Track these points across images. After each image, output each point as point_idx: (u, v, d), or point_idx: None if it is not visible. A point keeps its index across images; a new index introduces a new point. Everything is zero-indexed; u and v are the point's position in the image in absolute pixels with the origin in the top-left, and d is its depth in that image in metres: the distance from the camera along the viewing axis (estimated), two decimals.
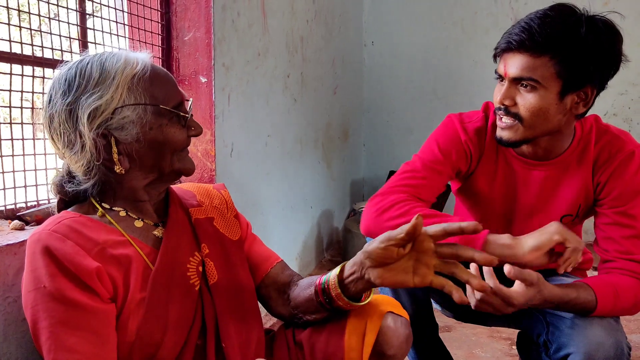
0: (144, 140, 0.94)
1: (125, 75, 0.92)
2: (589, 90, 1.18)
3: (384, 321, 1.03)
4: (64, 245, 0.87)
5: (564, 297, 1.13)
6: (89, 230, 0.92)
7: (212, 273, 1.04)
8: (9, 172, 1.34)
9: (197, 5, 1.93)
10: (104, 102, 0.90)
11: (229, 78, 2.07)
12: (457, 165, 1.37)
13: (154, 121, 0.94)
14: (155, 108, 0.94)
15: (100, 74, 0.92)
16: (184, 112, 0.99)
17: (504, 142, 1.25)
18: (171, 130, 0.96)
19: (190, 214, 1.08)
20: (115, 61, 0.93)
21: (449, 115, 1.42)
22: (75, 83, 0.92)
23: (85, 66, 0.93)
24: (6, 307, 1.12)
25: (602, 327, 1.13)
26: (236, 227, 1.14)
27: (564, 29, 1.12)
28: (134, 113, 0.92)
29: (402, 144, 3.92)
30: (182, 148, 1.00)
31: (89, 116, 0.90)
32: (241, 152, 2.20)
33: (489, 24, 3.54)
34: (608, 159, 1.25)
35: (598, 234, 1.28)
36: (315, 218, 3.20)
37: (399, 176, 1.36)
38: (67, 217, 0.93)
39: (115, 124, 0.92)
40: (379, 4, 3.98)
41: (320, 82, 3.14)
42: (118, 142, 0.93)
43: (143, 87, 0.93)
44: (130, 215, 1.00)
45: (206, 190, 1.17)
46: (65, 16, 1.53)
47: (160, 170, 0.98)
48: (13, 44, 1.34)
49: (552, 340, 1.22)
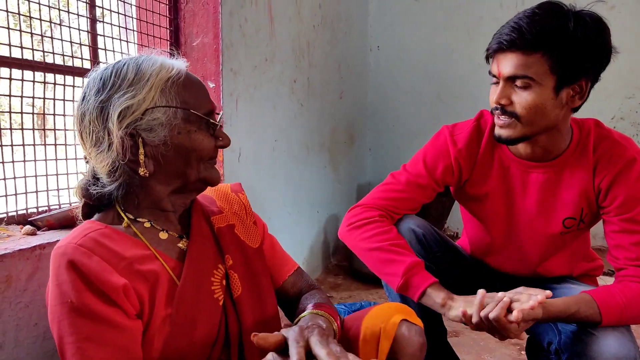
0: (171, 144, 0.92)
1: (160, 77, 0.92)
2: (584, 82, 1.19)
3: (398, 329, 1.03)
4: (90, 261, 0.85)
5: (565, 312, 1.14)
6: (115, 244, 0.90)
7: (236, 285, 1.02)
8: (20, 177, 1.35)
9: (205, 12, 1.94)
10: (136, 102, 0.90)
11: (237, 83, 2.08)
12: (442, 180, 1.40)
13: (183, 126, 0.93)
14: (185, 112, 0.93)
15: (135, 74, 0.92)
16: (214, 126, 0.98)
17: (503, 140, 1.25)
18: (199, 137, 0.95)
19: (212, 223, 1.06)
20: (151, 64, 0.93)
21: (443, 126, 1.43)
22: (110, 82, 0.92)
23: (122, 66, 0.93)
24: (18, 312, 1.13)
25: (616, 338, 1.12)
26: (256, 233, 1.12)
27: (552, 25, 1.14)
28: (164, 115, 0.91)
29: (408, 148, 3.92)
30: (209, 157, 0.98)
31: (119, 115, 0.89)
32: (249, 157, 2.21)
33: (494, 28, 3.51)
34: (608, 165, 1.24)
35: (608, 243, 1.28)
36: (322, 222, 3.20)
37: (383, 187, 1.42)
38: (93, 229, 0.91)
39: (144, 124, 0.91)
40: (384, 8, 3.98)
41: (326, 87, 3.15)
42: (145, 143, 0.92)
43: (176, 91, 0.93)
44: (155, 227, 0.98)
45: (225, 194, 1.16)
46: (75, 22, 1.54)
47: (185, 178, 0.97)
48: (21, 49, 1.35)
49: (564, 349, 1.22)
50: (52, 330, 0.86)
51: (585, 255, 1.47)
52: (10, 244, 1.16)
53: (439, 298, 1.22)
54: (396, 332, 1.03)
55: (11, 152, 1.33)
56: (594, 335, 1.14)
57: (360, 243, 1.33)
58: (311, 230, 3.05)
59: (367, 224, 1.34)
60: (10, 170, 1.32)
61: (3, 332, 1.10)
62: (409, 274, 1.24)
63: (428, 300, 1.24)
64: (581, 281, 1.45)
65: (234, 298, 1.01)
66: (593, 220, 1.35)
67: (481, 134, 1.38)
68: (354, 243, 1.36)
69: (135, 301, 0.88)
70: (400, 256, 1.27)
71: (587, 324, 1.16)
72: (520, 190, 1.34)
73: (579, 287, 1.34)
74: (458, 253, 1.55)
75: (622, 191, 1.23)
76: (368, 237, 1.32)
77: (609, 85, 3.34)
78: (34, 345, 1.16)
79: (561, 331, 1.24)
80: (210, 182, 1.00)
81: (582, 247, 1.43)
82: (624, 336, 1.14)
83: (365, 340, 1.04)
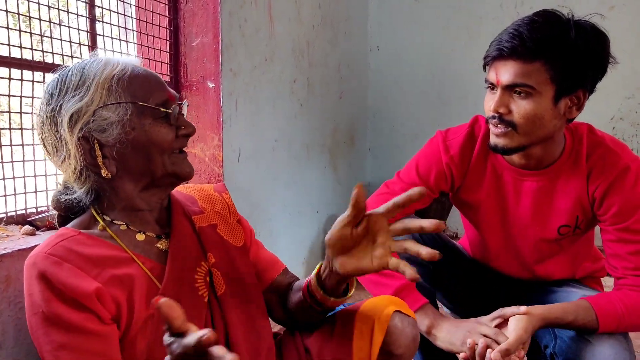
0: (127, 141, 0.91)
1: (105, 76, 0.91)
2: (581, 93, 1.19)
3: (391, 321, 1.03)
4: (60, 269, 0.84)
5: (563, 320, 1.14)
6: (88, 249, 0.89)
7: (219, 283, 1.01)
8: (19, 177, 1.34)
9: (205, 11, 1.94)
10: (84, 104, 0.89)
11: (236, 83, 2.07)
12: (436, 186, 1.39)
13: (136, 121, 0.91)
14: (135, 106, 0.91)
15: (80, 77, 0.91)
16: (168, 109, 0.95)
17: (499, 149, 1.22)
18: (155, 130, 0.92)
19: (193, 222, 1.05)
20: (95, 64, 0.92)
21: (437, 132, 1.41)
22: (57, 90, 0.92)
23: (66, 73, 0.93)
24: (17, 313, 1.13)
25: (611, 346, 1.12)
26: (239, 232, 1.11)
27: (554, 34, 1.12)
28: (114, 113, 0.90)
29: (408, 149, 3.91)
30: (172, 149, 0.95)
31: (69, 120, 0.89)
32: (248, 157, 2.21)
33: (494, 29, 3.50)
34: (602, 174, 1.23)
35: (606, 251, 1.27)
36: (322, 223, 3.20)
37: (377, 197, 1.40)
38: (65, 236, 0.90)
39: (96, 126, 0.90)
40: (384, 8, 3.98)
41: (326, 87, 3.14)
42: (102, 145, 0.91)
43: (123, 86, 0.91)
44: (131, 229, 0.97)
45: (207, 194, 1.14)
46: (75, 22, 1.54)
47: (152, 174, 0.94)
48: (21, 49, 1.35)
49: (558, 354, 1.21)
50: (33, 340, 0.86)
51: (589, 255, 1.45)
52: (9, 244, 1.16)
53: (423, 326, 1.21)
54: (389, 323, 1.02)
55: (10, 152, 1.32)
56: (590, 342, 1.14)
57: None
58: (311, 231, 3.04)
59: None
60: (10, 171, 1.32)
61: (3, 332, 1.09)
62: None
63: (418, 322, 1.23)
64: (584, 283, 1.43)
65: (217, 296, 1.00)
66: (590, 225, 1.33)
67: (474, 140, 1.36)
68: None
69: (110, 305, 0.86)
70: (388, 279, 1.25)
71: (583, 331, 1.16)
72: (514, 198, 1.33)
73: (580, 291, 1.33)
74: (458, 253, 1.54)
75: (617, 200, 1.21)
76: None
77: (608, 85, 3.30)
78: (33, 346, 1.16)
79: (557, 336, 1.24)
80: (180, 176, 0.97)
81: (584, 248, 1.42)
82: (620, 344, 1.13)
83: (359, 332, 1.04)
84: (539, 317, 1.13)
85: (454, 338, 1.17)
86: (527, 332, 1.11)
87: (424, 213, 1.47)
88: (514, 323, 1.12)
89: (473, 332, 1.16)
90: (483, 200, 1.36)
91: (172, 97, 0.97)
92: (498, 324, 1.16)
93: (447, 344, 1.18)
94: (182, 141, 0.97)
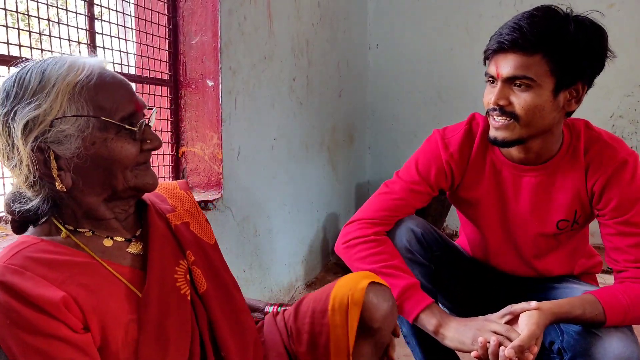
0: (86, 156, 0.84)
1: (67, 82, 0.82)
2: (580, 86, 1.20)
3: (366, 295, 1.01)
4: (23, 279, 0.78)
5: (570, 314, 1.14)
6: (51, 257, 0.83)
7: (200, 281, 0.99)
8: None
9: (204, 10, 1.94)
10: (41, 113, 0.81)
11: (236, 81, 2.07)
12: (436, 184, 1.39)
13: (98, 135, 0.84)
14: (98, 121, 0.84)
15: (39, 81, 0.82)
16: (134, 124, 0.87)
17: (499, 142, 1.23)
18: (118, 145, 0.85)
19: (169, 221, 1.01)
20: (58, 67, 0.84)
21: (434, 130, 1.42)
22: (13, 92, 0.83)
23: (25, 73, 0.84)
24: None
25: (619, 339, 1.12)
26: (209, 230, 1.10)
27: (553, 27, 1.14)
28: (74, 126, 0.83)
29: (407, 147, 3.91)
30: (135, 164, 0.88)
31: (24, 128, 0.81)
32: (248, 156, 2.21)
33: (493, 26, 3.49)
34: (600, 168, 1.24)
35: (606, 245, 1.28)
36: (321, 221, 3.20)
37: (378, 197, 1.40)
38: (25, 244, 0.83)
39: (53, 137, 0.82)
40: (383, 7, 3.98)
41: (325, 86, 3.14)
42: (58, 157, 0.84)
43: (86, 96, 0.83)
44: (97, 235, 0.91)
45: (174, 192, 1.11)
46: (74, 20, 1.54)
47: (113, 188, 0.88)
48: (20, 48, 1.35)
49: (567, 349, 1.22)
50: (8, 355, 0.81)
51: (585, 251, 1.47)
52: (8, 244, 1.16)
53: (431, 325, 1.21)
54: (364, 297, 1.01)
55: None
56: (598, 336, 1.14)
57: (354, 263, 1.33)
58: (310, 229, 3.05)
59: (362, 243, 1.32)
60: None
61: None
62: (402, 298, 1.24)
63: (422, 325, 1.24)
64: (582, 280, 1.44)
65: (199, 293, 0.98)
66: (587, 220, 1.35)
67: (473, 137, 1.37)
68: (349, 262, 1.35)
69: (78, 314, 0.81)
70: (393, 279, 1.25)
71: (591, 325, 1.16)
72: (513, 193, 1.34)
73: (581, 287, 1.34)
74: (458, 252, 1.54)
75: (616, 194, 1.22)
76: (362, 257, 1.31)
77: (608, 83, 3.34)
78: None
79: (564, 331, 1.24)
80: (144, 189, 0.92)
81: (580, 244, 1.43)
82: (627, 337, 1.14)
83: (334, 310, 1.03)
84: (549, 311, 1.13)
85: (463, 337, 1.17)
86: (539, 327, 1.10)
87: (423, 212, 1.47)
88: (525, 319, 1.12)
89: (483, 330, 1.15)
90: (482, 196, 1.37)
91: (139, 108, 0.90)
92: (508, 321, 1.16)
93: (457, 343, 1.18)
94: (146, 155, 0.91)
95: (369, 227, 1.35)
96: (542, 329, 1.11)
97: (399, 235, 1.36)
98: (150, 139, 0.91)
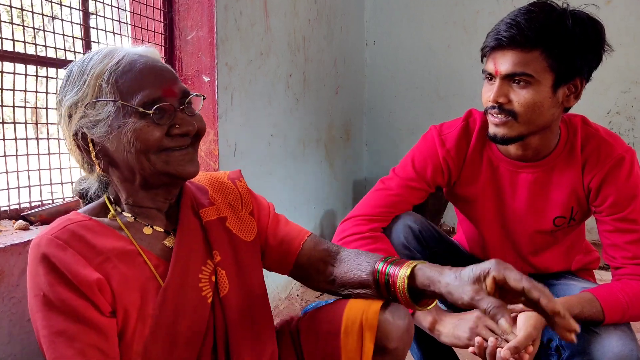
0: (113, 139, 0.87)
1: (99, 70, 0.87)
2: (578, 82, 1.19)
3: (381, 315, 0.99)
4: (64, 254, 0.82)
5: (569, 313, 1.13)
6: (94, 237, 0.87)
7: (223, 283, 0.97)
8: (12, 172, 1.33)
9: (200, 5, 1.93)
10: (78, 99, 0.88)
11: (232, 77, 2.06)
12: (432, 181, 1.38)
13: (122, 119, 0.86)
14: (121, 105, 0.86)
15: (80, 69, 0.89)
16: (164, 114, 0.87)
17: (498, 139, 1.22)
18: (138, 129, 0.86)
19: (201, 217, 1.00)
20: (96, 56, 0.89)
21: (430, 127, 1.41)
22: (65, 81, 0.91)
23: (72, 65, 0.92)
24: (11, 308, 1.12)
25: (618, 337, 1.12)
26: (251, 225, 1.06)
27: (551, 23, 1.13)
28: (102, 110, 0.87)
29: (404, 144, 3.91)
30: (161, 148, 0.88)
31: (67, 113, 0.89)
32: (244, 152, 2.20)
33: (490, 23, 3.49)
34: (597, 164, 1.23)
35: (603, 242, 1.27)
36: (318, 218, 3.20)
37: (374, 194, 1.39)
38: (74, 220, 0.88)
39: (87, 121, 0.88)
40: (380, 3, 3.97)
41: (322, 82, 3.13)
42: (93, 141, 0.89)
43: (112, 82, 0.87)
44: (139, 221, 0.94)
45: (220, 183, 1.08)
46: (69, 15, 1.53)
47: (140, 173, 0.89)
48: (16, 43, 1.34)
49: (565, 347, 1.21)
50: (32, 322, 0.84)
51: (582, 248, 1.47)
52: (2, 239, 1.16)
53: (426, 322, 1.21)
54: (379, 318, 0.98)
55: (3, 147, 1.31)
56: (596, 334, 1.14)
57: None
58: (307, 226, 3.04)
59: (358, 240, 1.31)
60: (3, 165, 1.31)
61: None
62: None
63: (418, 323, 1.22)
64: (579, 276, 1.44)
65: (220, 297, 0.96)
66: (584, 217, 1.34)
67: (470, 133, 1.36)
68: None
69: (109, 297, 0.84)
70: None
71: (589, 323, 1.16)
72: (510, 190, 1.33)
73: (578, 284, 1.34)
74: (455, 249, 1.54)
75: (613, 191, 1.22)
76: None
77: (605, 79, 3.34)
78: (28, 340, 1.16)
79: None
80: (177, 176, 0.90)
81: (577, 240, 1.43)
82: (625, 335, 1.13)
83: (347, 333, 1.00)
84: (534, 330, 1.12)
85: (459, 331, 1.16)
86: (536, 329, 1.10)
87: (421, 208, 1.47)
88: (522, 320, 1.11)
89: (479, 325, 1.15)
90: (479, 193, 1.36)
91: (168, 93, 0.88)
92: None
93: (452, 339, 1.17)
94: (177, 140, 0.89)
95: (365, 223, 1.34)
96: (539, 331, 1.11)
97: (396, 232, 1.36)
98: (180, 124, 0.89)
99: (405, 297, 0.95)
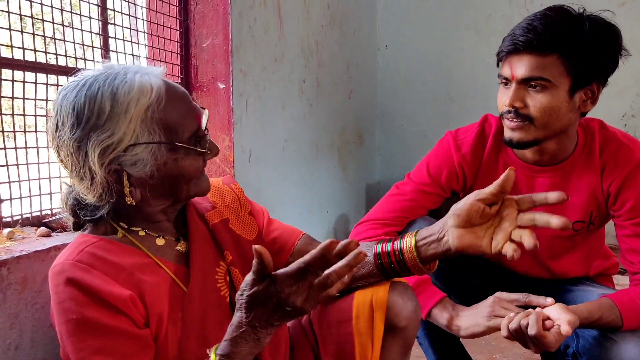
0: (158, 176, 0.89)
1: (139, 107, 0.86)
2: (595, 86, 1.19)
3: (389, 296, 1.02)
4: (91, 276, 0.83)
5: (588, 319, 1.13)
6: (112, 255, 0.88)
7: (238, 281, 1.00)
8: (34, 179, 1.36)
9: (215, 13, 1.95)
10: (116, 140, 0.85)
11: (247, 84, 2.08)
12: (447, 186, 1.38)
13: (169, 156, 0.89)
14: (170, 145, 0.89)
15: (111, 106, 0.85)
16: (201, 142, 0.93)
17: (514, 143, 1.22)
18: (187, 163, 0.91)
19: (207, 220, 1.04)
20: (128, 90, 0.86)
21: (446, 132, 1.41)
22: (84, 117, 0.85)
23: (95, 96, 0.86)
24: (34, 313, 1.14)
25: (635, 343, 1.11)
26: (252, 225, 1.10)
27: (568, 27, 1.13)
28: (146, 150, 0.87)
29: (417, 148, 3.90)
30: (200, 175, 0.96)
31: (100, 154, 0.85)
32: (259, 158, 2.21)
33: (503, 26, 3.49)
34: (616, 169, 1.23)
35: (621, 247, 1.26)
36: (332, 223, 3.20)
37: (388, 199, 1.40)
38: (88, 242, 0.89)
39: (127, 160, 0.87)
40: (393, 8, 3.97)
41: (335, 87, 3.14)
42: (130, 175, 0.89)
43: (157, 120, 0.87)
44: (150, 234, 0.96)
45: (217, 187, 1.12)
46: (87, 25, 1.56)
47: (176, 198, 0.95)
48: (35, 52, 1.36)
49: (582, 353, 1.20)
50: (62, 349, 0.85)
51: (601, 253, 1.45)
52: (25, 246, 1.17)
53: (444, 319, 1.20)
54: (388, 299, 1.02)
55: (25, 155, 1.34)
56: (614, 341, 1.14)
57: None
58: (321, 230, 3.05)
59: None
60: (25, 173, 1.33)
61: (20, 333, 1.11)
62: None
63: (435, 320, 1.23)
64: (598, 281, 1.43)
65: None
66: (603, 221, 1.33)
67: (485, 138, 1.36)
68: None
69: (142, 310, 0.86)
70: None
71: (608, 329, 1.15)
72: None
73: (596, 290, 1.33)
74: None
75: (632, 195, 1.21)
76: None
77: (620, 82, 3.30)
78: (51, 346, 1.17)
79: (579, 335, 1.23)
80: (201, 195, 0.98)
81: (596, 245, 1.42)
82: None
83: (358, 317, 1.03)
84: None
85: (477, 318, 1.15)
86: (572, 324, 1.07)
87: (435, 213, 1.47)
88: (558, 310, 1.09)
89: (496, 308, 1.14)
90: None
91: (199, 121, 0.93)
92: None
93: (472, 328, 1.15)
94: (205, 163, 0.97)
95: (379, 227, 1.35)
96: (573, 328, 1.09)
97: None
98: (212, 150, 0.96)
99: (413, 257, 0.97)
